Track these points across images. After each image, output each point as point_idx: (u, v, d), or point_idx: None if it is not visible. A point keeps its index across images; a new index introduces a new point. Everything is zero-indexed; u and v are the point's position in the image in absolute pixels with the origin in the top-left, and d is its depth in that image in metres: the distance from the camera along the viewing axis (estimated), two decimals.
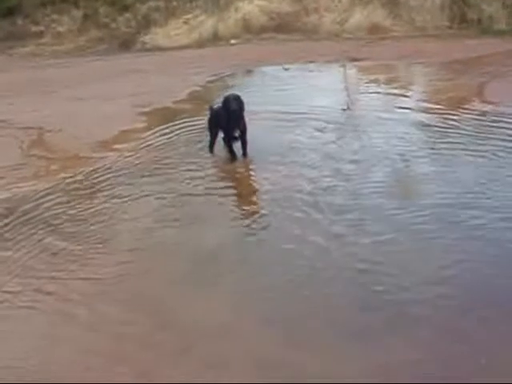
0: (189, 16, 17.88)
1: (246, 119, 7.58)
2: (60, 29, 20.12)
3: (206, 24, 17.16)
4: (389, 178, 6.71)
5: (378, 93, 10.62)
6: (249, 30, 16.96)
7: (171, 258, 5.55)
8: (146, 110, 10.43)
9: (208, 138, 7.93)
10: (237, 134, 7.53)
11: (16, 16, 20.55)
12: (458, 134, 7.88)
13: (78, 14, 20.35)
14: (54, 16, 20.47)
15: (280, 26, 17.05)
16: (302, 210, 6.08)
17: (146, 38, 17.40)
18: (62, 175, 7.63)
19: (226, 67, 13.14)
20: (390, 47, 13.87)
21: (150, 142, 8.63)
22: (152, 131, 9.11)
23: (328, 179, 6.74)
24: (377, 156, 7.25)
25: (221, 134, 7.74)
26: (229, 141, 7.59)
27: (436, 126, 8.21)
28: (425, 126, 8.31)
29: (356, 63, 12.79)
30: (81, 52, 17.50)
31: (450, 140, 7.66)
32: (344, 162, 7.17)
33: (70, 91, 12.27)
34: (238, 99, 7.50)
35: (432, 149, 7.42)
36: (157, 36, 17.31)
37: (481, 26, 14.65)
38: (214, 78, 12.37)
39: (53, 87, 12.81)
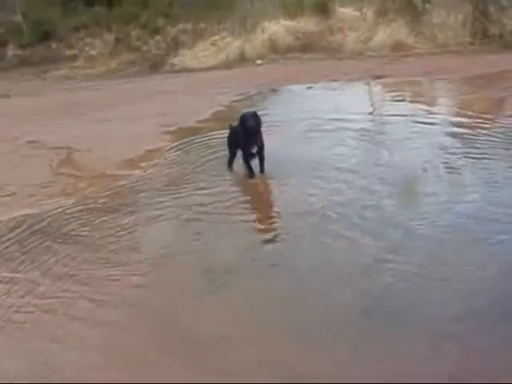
0: (216, 37, 18.31)
1: (264, 136, 7.80)
2: (93, 52, 20.73)
3: (233, 45, 17.56)
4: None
5: (402, 109, 10.77)
6: (275, 50, 17.31)
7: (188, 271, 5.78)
8: (171, 129, 10.74)
9: (228, 156, 8.13)
10: (254, 150, 7.69)
11: (51, 40, 21.23)
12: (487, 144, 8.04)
13: (110, 37, 20.95)
14: (87, 40, 21.11)
15: (305, 46, 17.38)
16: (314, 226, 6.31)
17: (175, 60, 17.86)
18: (88, 191, 7.96)
19: (252, 87, 13.47)
20: (413, 64, 14.07)
21: (172, 160, 8.93)
22: (175, 149, 9.40)
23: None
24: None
25: (240, 151, 7.98)
26: (246, 158, 7.78)
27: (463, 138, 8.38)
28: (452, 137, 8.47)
29: (380, 80, 12.99)
30: (112, 75, 18.02)
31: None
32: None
33: (100, 113, 12.69)
34: (254, 116, 7.69)
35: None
36: (185, 58, 17.76)
37: (503, 40, 14.78)
38: (239, 97, 12.68)
39: (83, 109, 13.24)
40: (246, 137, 7.66)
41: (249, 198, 7.55)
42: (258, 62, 16.50)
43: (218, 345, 4.57)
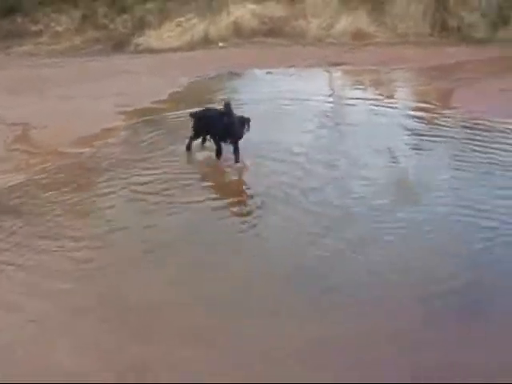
0: (182, 19, 18.35)
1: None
2: (58, 28, 20.54)
3: (198, 27, 17.62)
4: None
5: (355, 96, 11.11)
6: (239, 34, 17.43)
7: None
8: (129, 109, 10.90)
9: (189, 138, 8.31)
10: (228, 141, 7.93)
11: (16, 15, 21.01)
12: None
13: (76, 13, 20.77)
14: (53, 15, 20.93)
15: (270, 31, 17.50)
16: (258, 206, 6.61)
17: (140, 40, 17.84)
18: (39, 167, 8.14)
19: (211, 70, 13.65)
20: (372, 53, 14.34)
21: (125, 139, 9.12)
22: (129, 129, 9.60)
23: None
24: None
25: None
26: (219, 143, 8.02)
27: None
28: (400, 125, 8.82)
29: (337, 68, 13.26)
30: (76, 52, 17.94)
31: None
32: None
33: (61, 90, 12.75)
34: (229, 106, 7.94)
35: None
36: (150, 38, 17.75)
37: (461, 33, 15.09)
38: (197, 79, 12.85)
39: (45, 86, 13.28)
40: (227, 126, 7.80)
41: (197, 178, 7.74)
42: (221, 44, 16.63)
43: (147, 313, 4.84)
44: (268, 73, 13.15)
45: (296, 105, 10.33)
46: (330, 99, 10.92)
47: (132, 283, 5.39)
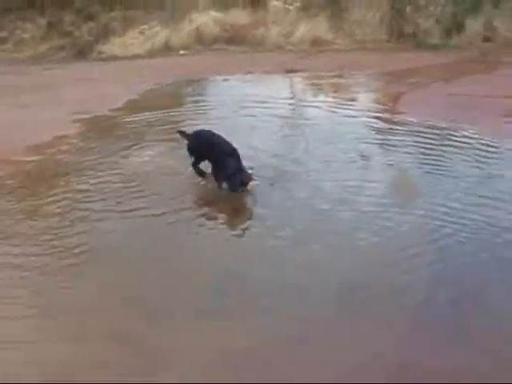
0: (145, 26, 18.50)
1: None
2: (24, 35, 20.60)
3: (160, 35, 17.79)
4: None
5: (303, 101, 11.38)
6: (201, 41, 17.63)
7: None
8: (84, 116, 11.01)
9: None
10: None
11: None
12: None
13: (42, 21, 20.83)
14: (19, 23, 20.97)
15: (232, 38, 17.73)
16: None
17: (103, 48, 17.97)
18: None
19: (170, 77, 13.82)
20: (328, 59, 14.61)
21: (77, 147, 9.24)
22: (82, 137, 9.73)
23: None
24: None
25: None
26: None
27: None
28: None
29: (292, 74, 13.50)
30: (40, 60, 18.02)
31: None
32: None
33: (17, 98, 12.80)
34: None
35: None
36: (113, 46, 17.88)
37: (416, 39, 15.43)
38: (154, 87, 13.01)
39: (2, 93, 13.32)
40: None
41: (143, 186, 7.80)
42: (181, 52, 16.81)
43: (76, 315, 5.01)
44: (225, 80, 13.32)
45: (249, 108, 10.57)
46: (283, 102, 11.11)
47: (65, 287, 5.51)
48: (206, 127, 8.51)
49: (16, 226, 6.76)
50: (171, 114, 10.87)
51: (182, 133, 7.97)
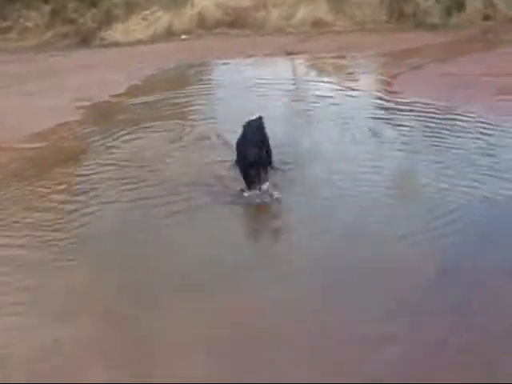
0: (147, 12, 18.59)
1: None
2: (28, 24, 20.72)
3: (162, 20, 17.88)
4: None
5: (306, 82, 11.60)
6: (203, 26, 17.70)
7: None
8: (86, 103, 11.19)
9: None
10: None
11: None
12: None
13: (46, 9, 20.92)
14: (23, 11, 21.09)
15: (234, 22, 17.78)
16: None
17: (106, 34, 18.07)
18: None
19: (171, 62, 13.97)
20: (328, 41, 14.68)
21: (79, 134, 9.43)
22: (83, 124, 9.92)
23: None
24: None
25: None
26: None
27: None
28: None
29: (292, 56, 13.63)
30: (44, 47, 18.17)
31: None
32: None
33: (22, 86, 13.02)
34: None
35: None
36: (115, 32, 17.99)
37: (416, 19, 15.44)
38: (156, 72, 13.19)
39: (7, 82, 13.52)
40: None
41: (139, 173, 7.90)
42: (183, 36, 16.91)
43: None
44: (224, 63, 13.50)
45: (247, 90, 10.87)
46: (284, 83, 11.31)
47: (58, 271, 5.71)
48: (207, 109, 8.72)
49: (18, 213, 6.95)
50: (173, 96, 11.09)
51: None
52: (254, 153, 6.43)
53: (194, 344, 4.57)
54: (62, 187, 7.50)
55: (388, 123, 8.66)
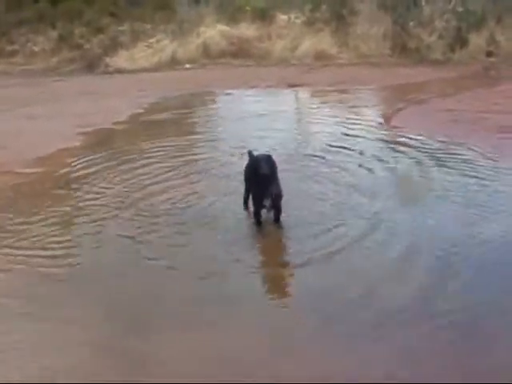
0: (153, 40, 18.78)
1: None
2: (34, 48, 20.93)
3: (168, 48, 18.06)
4: None
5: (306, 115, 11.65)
6: (207, 55, 17.88)
7: None
8: (88, 129, 11.24)
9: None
10: (267, 203, 6.44)
11: None
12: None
13: (53, 34, 21.14)
14: (30, 35, 21.31)
15: (238, 52, 17.99)
16: None
17: (111, 61, 18.23)
18: None
19: (174, 90, 14.10)
20: (330, 74, 14.82)
21: (78, 161, 9.45)
22: (83, 151, 9.96)
23: None
24: None
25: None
26: (257, 209, 6.54)
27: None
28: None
29: (293, 89, 13.75)
30: (50, 72, 18.35)
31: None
32: None
33: (25, 110, 13.15)
34: (268, 160, 6.36)
35: None
36: (120, 59, 18.14)
37: (419, 54, 15.58)
38: (158, 100, 13.29)
39: (10, 105, 13.66)
40: (257, 185, 6.43)
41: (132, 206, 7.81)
42: (187, 66, 17.07)
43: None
44: (227, 94, 13.61)
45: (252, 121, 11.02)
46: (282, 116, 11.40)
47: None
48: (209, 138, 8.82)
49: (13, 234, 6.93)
50: (174, 125, 11.23)
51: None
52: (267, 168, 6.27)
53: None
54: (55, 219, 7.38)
55: (382, 159, 8.56)
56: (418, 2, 16.11)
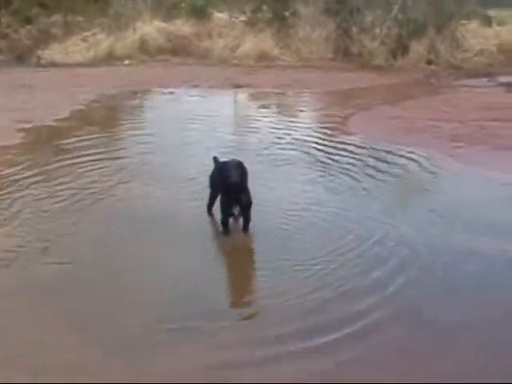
0: (88, 33, 18.21)
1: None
2: None
3: (104, 43, 17.56)
4: None
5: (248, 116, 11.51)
6: (145, 51, 17.48)
7: None
8: (27, 126, 10.68)
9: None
10: (236, 211, 6.20)
11: None
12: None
13: None
14: None
15: (176, 49, 17.70)
16: None
17: (43, 53, 17.59)
18: None
19: (114, 87, 13.65)
20: (273, 76, 14.69)
21: (19, 160, 8.90)
22: (22, 149, 9.43)
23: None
24: None
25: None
26: (225, 217, 6.27)
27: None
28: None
29: (237, 90, 13.53)
30: None
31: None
32: None
33: None
34: (239, 167, 6.09)
35: None
36: (53, 52, 17.52)
37: (361, 59, 15.65)
38: (98, 97, 12.82)
39: None
40: (226, 193, 6.20)
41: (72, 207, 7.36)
42: (126, 62, 16.63)
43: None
44: (170, 92, 13.27)
45: (195, 122, 10.62)
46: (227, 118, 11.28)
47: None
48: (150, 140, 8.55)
49: None
50: (115, 125, 10.86)
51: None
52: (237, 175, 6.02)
53: None
54: None
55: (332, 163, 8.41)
56: (360, 8, 16.12)
